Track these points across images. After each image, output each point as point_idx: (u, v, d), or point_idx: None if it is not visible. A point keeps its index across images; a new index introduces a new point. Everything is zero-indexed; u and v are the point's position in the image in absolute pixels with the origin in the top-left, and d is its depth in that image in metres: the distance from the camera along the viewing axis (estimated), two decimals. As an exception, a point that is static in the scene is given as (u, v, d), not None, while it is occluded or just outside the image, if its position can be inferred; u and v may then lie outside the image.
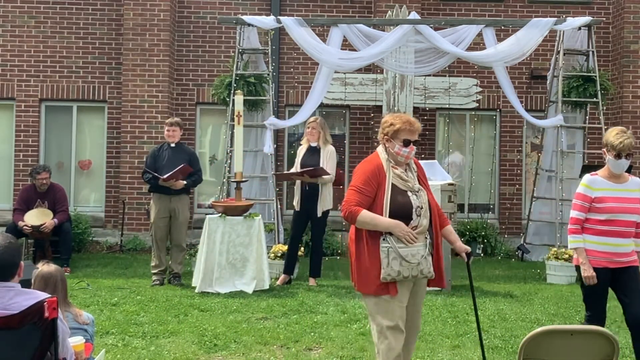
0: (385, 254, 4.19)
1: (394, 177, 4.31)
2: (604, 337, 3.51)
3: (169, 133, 8.81)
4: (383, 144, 4.44)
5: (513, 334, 6.37)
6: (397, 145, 4.34)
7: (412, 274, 4.23)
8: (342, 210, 4.32)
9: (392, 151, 4.37)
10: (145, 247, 11.29)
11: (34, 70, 12.29)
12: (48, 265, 4.15)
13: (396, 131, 4.35)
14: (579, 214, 5.03)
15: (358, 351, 5.76)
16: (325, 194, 8.60)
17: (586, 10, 12.38)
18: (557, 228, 10.31)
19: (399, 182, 4.31)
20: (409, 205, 4.27)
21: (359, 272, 4.29)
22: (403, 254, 4.18)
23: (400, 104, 11.70)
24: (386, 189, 4.27)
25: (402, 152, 4.34)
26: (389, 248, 4.19)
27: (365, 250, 4.26)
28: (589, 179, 5.06)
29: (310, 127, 8.71)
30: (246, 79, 10.43)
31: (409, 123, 4.37)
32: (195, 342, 5.97)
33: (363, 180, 4.29)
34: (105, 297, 7.65)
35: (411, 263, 4.20)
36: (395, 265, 4.18)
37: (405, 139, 4.34)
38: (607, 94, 11.13)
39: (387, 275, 4.18)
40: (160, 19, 11.94)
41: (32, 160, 12.10)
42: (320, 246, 8.90)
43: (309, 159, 8.64)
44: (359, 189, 4.30)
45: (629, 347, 5.90)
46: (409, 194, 4.30)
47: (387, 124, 4.42)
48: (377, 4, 12.08)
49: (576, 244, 5.04)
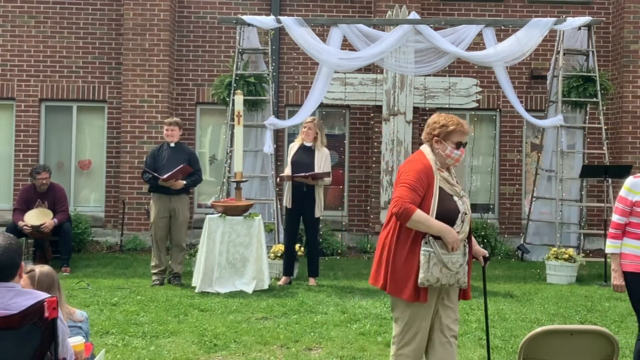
0: (427, 258, 4.04)
1: (441, 180, 4.18)
2: (604, 337, 3.51)
3: (168, 133, 8.82)
4: (430, 144, 4.29)
5: (513, 334, 6.37)
6: (449, 147, 4.22)
7: (449, 282, 4.10)
8: (395, 206, 4.07)
9: (443, 153, 4.23)
10: (145, 247, 11.29)
11: (34, 70, 12.29)
12: (41, 267, 4.13)
13: (449, 133, 4.23)
14: (619, 218, 4.83)
15: (358, 351, 5.77)
16: (322, 196, 8.65)
17: (586, 10, 12.38)
18: (557, 228, 10.31)
19: (446, 185, 4.19)
20: (456, 211, 4.15)
21: (393, 273, 4.12)
22: (445, 260, 4.05)
23: (400, 104, 11.71)
24: (434, 191, 4.13)
25: (454, 154, 4.23)
26: (431, 252, 4.04)
27: (404, 252, 4.11)
28: (631, 181, 4.85)
29: (307, 127, 8.70)
30: (246, 79, 10.43)
31: (462, 125, 4.27)
32: (195, 342, 5.97)
33: (415, 178, 4.11)
34: (105, 297, 7.65)
35: (451, 271, 4.07)
36: (436, 272, 4.04)
37: (458, 141, 4.24)
38: (607, 94, 11.13)
39: (425, 280, 4.04)
40: (160, 19, 11.94)
41: (32, 160, 12.10)
42: (317, 246, 8.92)
43: (301, 158, 8.61)
44: (412, 186, 4.10)
45: (629, 347, 5.91)
46: (455, 199, 4.19)
47: (438, 125, 4.28)
48: (377, 4, 12.08)
49: (612, 249, 4.84)
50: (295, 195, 8.62)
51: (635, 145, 12.09)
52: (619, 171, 10.18)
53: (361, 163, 12.46)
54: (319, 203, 8.60)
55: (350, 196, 12.52)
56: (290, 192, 8.66)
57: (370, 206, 12.22)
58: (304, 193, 8.56)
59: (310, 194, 8.55)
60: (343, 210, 12.50)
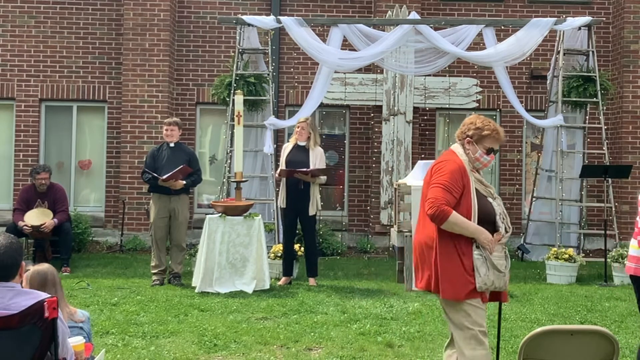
0: (482, 262, 4.01)
1: (475, 181, 4.13)
2: (604, 337, 3.51)
3: (167, 133, 8.81)
4: (462, 144, 4.25)
5: (513, 334, 6.37)
6: (479, 150, 4.18)
7: (499, 285, 4.07)
8: (431, 208, 4.00)
9: (473, 155, 4.19)
10: (145, 247, 11.29)
11: (34, 70, 12.29)
12: (39, 265, 4.12)
13: (483, 137, 4.18)
14: None
15: (358, 351, 5.76)
16: (317, 194, 8.64)
17: (586, 10, 12.37)
18: (557, 228, 10.31)
19: (480, 187, 4.14)
20: (493, 212, 4.11)
21: (447, 277, 4.02)
22: (496, 264, 4.02)
23: (400, 104, 11.71)
24: (472, 193, 4.06)
25: (483, 159, 4.19)
26: (484, 256, 4.01)
27: (455, 256, 4.03)
28: None
29: (300, 127, 8.70)
30: (246, 79, 10.43)
31: (497, 132, 4.21)
32: (195, 342, 5.97)
33: (451, 179, 4.04)
34: (105, 297, 7.64)
35: (501, 273, 4.04)
36: (492, 275, 4.01)
37: (490, 147, 4.19)
38: (607, 94, 11.13)
39: (483, 284, 4.01)
40: (160, 19, 11.94)
41: (32, 160, 12.10)
42: (314, 246, 8.91)
43: (295, 157, 8.60)
44: (447, 187, 4.02)
45: (629, 347, 5.92)
46: (490, 200, 4.14)
47: (473, 126, 4.22)
48: (377, 4, 12.08)
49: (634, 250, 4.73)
50: (290, 195, 8.60)
51: (635, 145, 12.08)
52: (619, 171, 10.18)
53: (361, 163, 12.46)
54: (314, 201, 8.59)
55: (350, 196, 12.52)
56: (285, 191, 8.65)
57: (370, 206, 12.22)
58: (300, 192, 8.53)
59: (306, 192, 8.54)
60: (343, 210, 12.50)
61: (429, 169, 4.27)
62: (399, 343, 6.01)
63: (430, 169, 4.24)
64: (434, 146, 12.51)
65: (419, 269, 4.23)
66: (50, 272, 4.06)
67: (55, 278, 4.08)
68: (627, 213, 11.98)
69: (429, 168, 4.27)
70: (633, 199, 12.05)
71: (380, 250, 11.70)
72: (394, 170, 11.67)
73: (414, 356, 5.69)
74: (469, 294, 4.02)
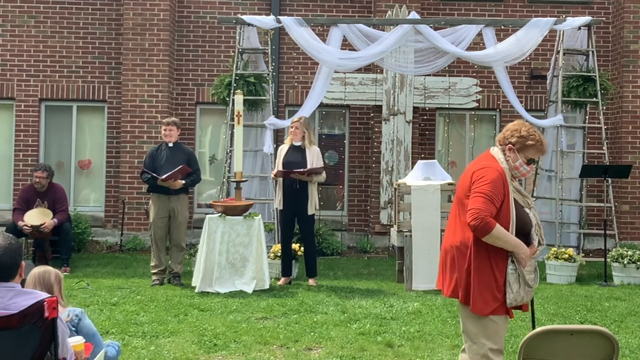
0: (515, 278, 3.89)
1: (514, 190, 3.97)
2: (604, 337, 3.51)
3: (166, 132, 8.80)
4: (503, 150, 4.09)
5: (513, 334, 6.36)
6: (520, 159, 4.03)
7: (527, 300, 3.99)
8: (474, 219, 3.83)
9: (512, 164, 4.03)
10: (145, 247, 11.29)
11: (33, 70, 12.29)
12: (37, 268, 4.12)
13: (526, 147, 4.03)
14: None
15: (358, 351, 5.76)
16: (315, 193, 8.63)
17: (586, 10, 12.38)
18: (557, 228, 10.31)
19: (518, 196, 3.99)
20: (530, 223, 3.98)
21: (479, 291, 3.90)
22: (527, 279, 3.91)
23: (400, 104, 11.71)
24: (511, 202, 3.90)
25: (522, 169, 4.04)
26: (519, 272, 3.89)
27: (489, 269, 3.90)
28: None
29: (294, 127, 8.68)
30: (246, 79, 10.43)
31: (542, 143, 4.06)
32: (195, 342, 5.97)
33: (493, 188, 3.86)
34: (105, 297, 7.65)
35: (530, 288, 3.93)
36: (522, 291, 3.91)
37: (531, 157, 4.06)
38: (607, 94, 11.13)
39: (514, 300, 3.91)
40: (160, 18, 11.94)
41: (32, 160, 12.10)
42: (313, 245, 8.89)
43: (292, 158, 8.59)
44: (490, 197, 3.84)
45: (629, 347, 5.92)
46: (527, 211, 4.00)
47: (517, 133, 4.06)
48: (377, 3, 12.08)
49: None
50: (287, 195, 8.59)
51: (635, 145, 12.09)
52: (618, 171, 10.18)
53: (361, 163, 12.46)
54: (312, 201, 8.58)
55: (350, 196, 12.52)
56: (281, 192, 8.64)
57: (370, 206, 12.22)
58: (296, 191, 8.52)
59: (304, 192, 8.53)
60: (343, 210, 12.50)
61: (467, 172, 4.09)
62: (398, 343, 6.01)
63: (469, 173, 4.05)
64: (433, 146, 12.51)
65: (446, 273, 4.10)
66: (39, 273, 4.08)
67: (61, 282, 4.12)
68: (627, 213, 11.99)
69: (467, 171, 4.09)
70: (633, 199, 12.06)
71: (380, 250, 11.70)
72: (394, 170, 11.67)
73: (413, 356, 5.69)
74: (495, 310, 3.93)
